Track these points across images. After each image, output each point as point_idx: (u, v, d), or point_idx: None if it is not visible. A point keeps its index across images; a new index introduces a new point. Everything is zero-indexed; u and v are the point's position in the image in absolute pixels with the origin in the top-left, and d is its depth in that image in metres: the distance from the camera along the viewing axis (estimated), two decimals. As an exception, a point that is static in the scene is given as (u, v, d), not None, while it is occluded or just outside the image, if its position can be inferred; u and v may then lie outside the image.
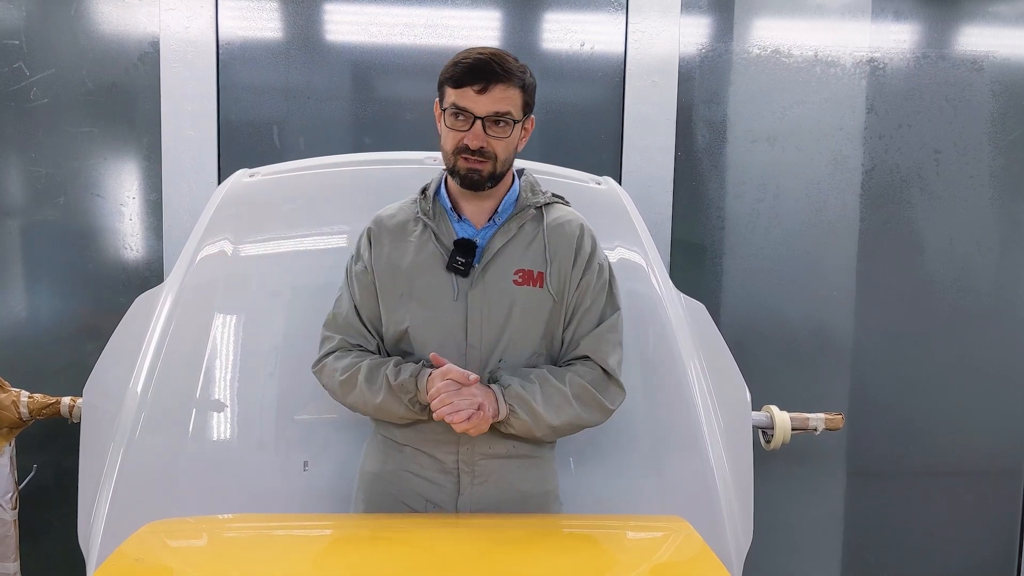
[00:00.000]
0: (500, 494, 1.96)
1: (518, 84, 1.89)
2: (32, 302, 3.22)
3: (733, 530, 2.21)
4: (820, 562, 3.57)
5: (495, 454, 1.95)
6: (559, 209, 2.05)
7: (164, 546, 1.71)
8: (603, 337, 1.97)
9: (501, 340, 1.93)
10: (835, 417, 2.80)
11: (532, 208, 2.00)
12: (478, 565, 1.64)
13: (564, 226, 2.00)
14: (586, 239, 2.01)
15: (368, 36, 3.25)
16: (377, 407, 1.92)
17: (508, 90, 1.87)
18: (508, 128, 1.89)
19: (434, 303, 1.93)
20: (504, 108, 1.87)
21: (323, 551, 1.70)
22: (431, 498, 1.97)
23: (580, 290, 1.97)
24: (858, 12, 3.39)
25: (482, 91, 1.86)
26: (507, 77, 1.87)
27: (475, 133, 1.88)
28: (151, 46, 3.16)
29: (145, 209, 3.22)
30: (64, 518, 2.57)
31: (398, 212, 2.04)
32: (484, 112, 1.87)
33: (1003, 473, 3.58)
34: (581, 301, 1.98)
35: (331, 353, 2.00)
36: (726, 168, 3.38)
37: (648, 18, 3.27)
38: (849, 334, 3.47)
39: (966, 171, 3.46)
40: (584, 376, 1.94)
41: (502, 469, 1.96)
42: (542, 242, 1.97)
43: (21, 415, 2.59)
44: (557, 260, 1.97)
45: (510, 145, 1.92)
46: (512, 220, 1.98)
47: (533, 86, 1.94)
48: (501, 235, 1.96)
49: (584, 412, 1.94)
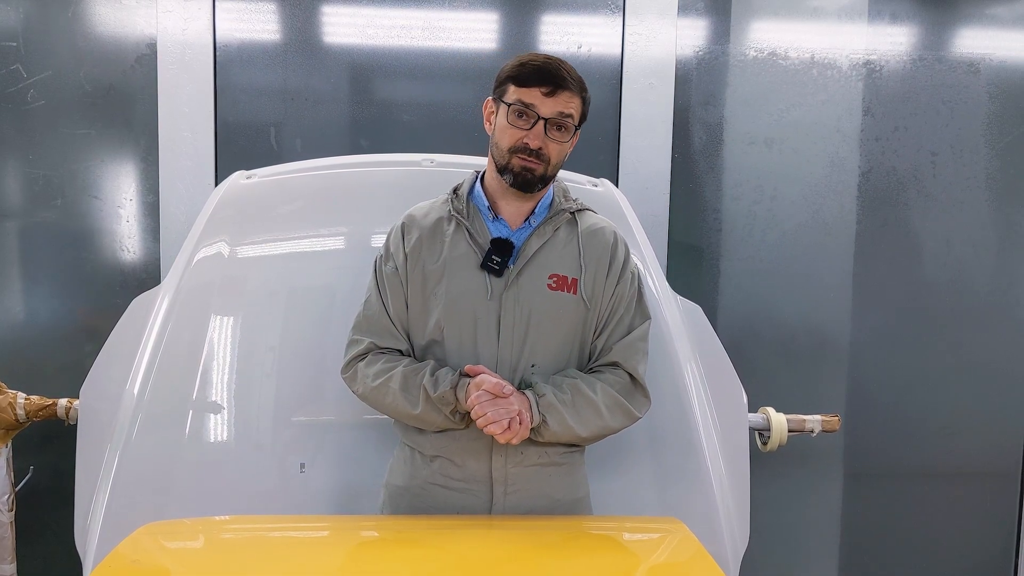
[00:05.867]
0: (533, 502, 1.95)
1: (580, 94, 1.92)
2: (29, 304, 3.22)
3: (730, 532, 2.22)
4: (817, 564, 3.57)
5: (528, 463, 1.94)
6: (591, 216, 2.06)
7: (161, 547, 1.71)
8: (633, 346, 1.98)
9: (533, 344, 1.92)
10: (831, 419, 2.81)
11: (567, 213, 2.00)
12: (474, 565, 1.65)
13: (598, 233, 2.01)
14: (620, 248, 2.02)
15: (365, 38, 3.25)
16: (415, 417, 1.90)
17: (574, 97, 1.90)
18: (568, 133, 1.91)
19: (467, 302, 1.91)
20: (569, 111, 1.90)
21: (320, 553, 1.70)
22: (464, 509, 1.94)
23: (615, 299, 1.98)
24: (855, 14, 3.40)
25: (550, 94, 1.88)
26: (574, 85, 1.90)
27: (536, 133, 1.88)
28: (148, 48, 3.16)
29: (142, 211, 3.22)
30: (61, 520, 2.57)
31: (430, 210, 2.02)
32: (549, 113, 1.88)
33: (1000, 474, 3.59)
34: (615, 310, 1.98)
35: (362, 357, 1.97)
36: (723, 170, 3.39)
37: (645, 20, 3.28)
38: (846, 336, 3.47)
39: (963, 173, 3.46)
40: (614, 385, 1.94)
41: (535, 477, 1.95)
42: (576, 248, 1.97)
43: (18, 416, 2.58)
44: (592, 267, 1.97)
45: (564, 151, 1.94)
46: (547, 223, 1.98)
47: (589, 101, 1.97)
48: (537, 237, 1.95)
49: (613, 421, 1.94)
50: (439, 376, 1.88)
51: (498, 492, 1.94)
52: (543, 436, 1.89)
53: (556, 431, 1.88)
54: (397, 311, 1.97)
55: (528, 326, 1.91)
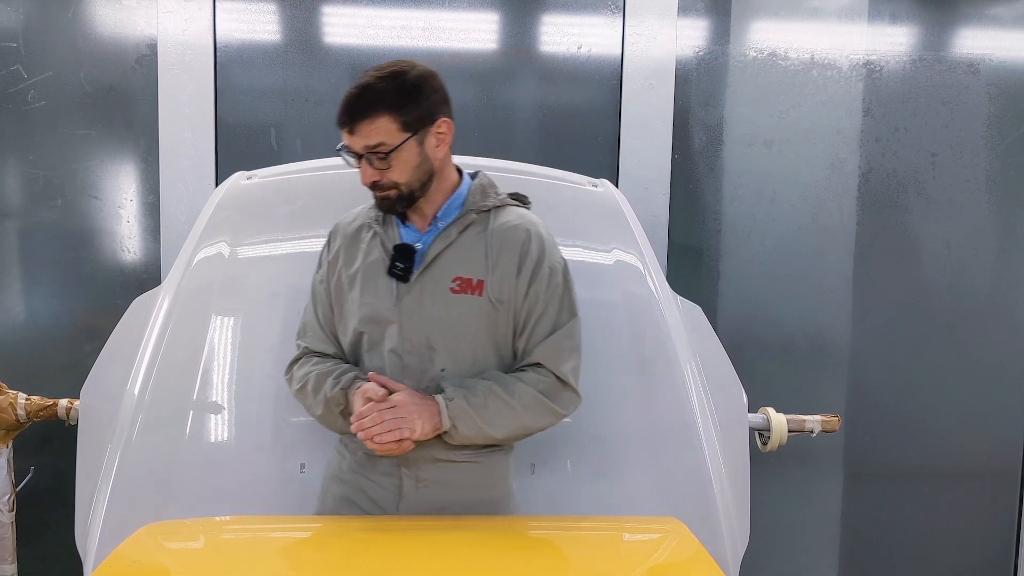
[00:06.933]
0: (443, 498, 1.92)
1: (385, 110, 1.82)
2: (29, 304, 3.23)
3: (729, 532, 2.22)
4: (817, 564, 3.57)
5: (437, 458, 1.91)
6: (510, 212, 1.99)
7: (161, 548, 1.71)
8: (558, 344, 1.91)
9: (438, 349, 1.89)
10: (831, 419, 2.81)
11: (475, 213, 1.94)
12: (473, 566, 1.65)
13: (510, 231, 1.94)
14: (533, 243, 1.93)
15: (365, 39, 3.25)
16: (319, 418, 1.95)
17: (375, 122, 1.82)
18: (386, 160, 1.84)
19: (376, 309, 1.92)
20: (373, 141, 1.82)
21: (320, 554, 1.70)
22: (376, 498, 1.95)
23: (530, 298, 1.91)
24: (854, 15, 3.40)
25: (351, 131, 1.84)
26: (367, 111, 1.82)
27: (362, 171, 1.87)
28: (149, 48, 3.16)
29: (142, 211, 3.22)
30: (61, 520, 2.57)
31: (356, 218, 2.04)
32: (360, 150, 1.84)
33: (999, 474, 3.59)
34: (532, 308, 1.92)
35: (297, 361, 2.02)
36: (723, 171, 3.39)
37: (645, 21, 3.28)
38: (845, 336, 3.47)
39: (962, 174, 3.46)
40: (536, 385, 1.89)
41: (447, 473, 1.92)
42: (485, 247, 1.92)
43: (18, 417, 2.59)
44: (500, 267, 1.90)
45: (405, 167, 1.86)
46: (453, 225, 1.93)
47: (412, 97, 1.85)
48: (440, 241, 1.92)
49: (533, 421, 1.90)
50: (343, 378, 1.91)
51: (407, 485, 1.92)
52: (454, 440, 1.87)
53: (467, 434, 1.85)
54: (325, 317, 2.01)
55: (430, 331, 1.89)
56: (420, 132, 1.86)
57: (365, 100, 1.82)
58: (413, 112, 1.85)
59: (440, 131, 1.90)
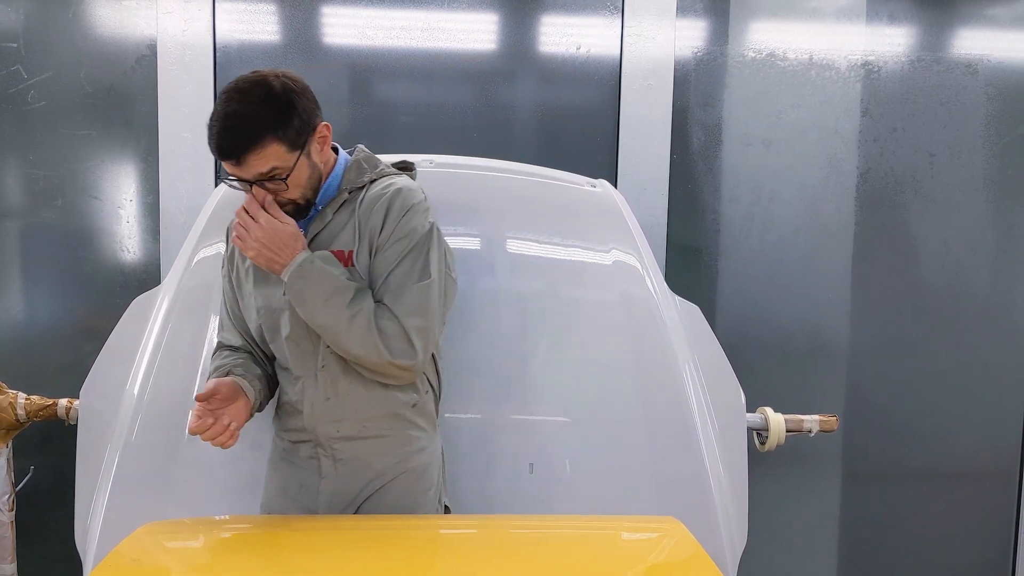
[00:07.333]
0: (361, 474, 1.95)
1: (271, 137, 1.79)
2: (29, 304, 3.23)
3: (728, 532, 2.22)
4: (815, 564, 3.58)
5: (345, 435, 1.94)
6: (383, 182, 1.96)
7: (161, 547, 1.72)
8: (405, 296, 1.86)
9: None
10: (829, 419, 2.81)
11: (348, 191, 1.94)
12: (474, 565, 1.65)
13: (378, 197, 1.91)
14: (396, 203, 1.89)
15: (365, 39, 3.26)
16: None
17: (264, 150, 1.79)
18: (281, 181, 1.83)
19: (268, 299, 1.95)
20: (267, 168, 1.81)
21: (321, 553, 1.70)
22: (302, 481, 1.99)
23: (387, 253, 1.88)
24: (853, 15, 3.41)
25: (237, 164, 1.80)
26: (252, 142, 1.78)
27: (256, 194, 1.84)
28: (148, 49, 3.17)
29: (142, 211, 3.22)
30: (61, 520, 2.57)
31: None
32: (252, 178, 1.82)
33: (998, 475, 3.59)
34: (385, 262, 1.88)
35: (214, 355, 2.05)
36: (721, 171, 3.40)
37: (644, 21, 3.29)
38: (844, 336, 3.48)
39: (960, 174, 3.47)
40: (380, 318, 1.84)
41: (358, 449, 1.95)
42: (355, 220, 1.91)
43: (18, 417, 2.59)
44: (368, 234, 1.89)
45: (300, 182, 1.87)
46: (328, 207, 1.93)
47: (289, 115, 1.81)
48: (316, 224, 1.93)
49: (353, 343, 1.83)
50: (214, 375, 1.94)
51: (326, 464, 1.96)
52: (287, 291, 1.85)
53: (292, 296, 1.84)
54: (232, 311, 2.06)
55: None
56: (306, 145, 1.86)
57: (246, 132, 1.78)
58: (295, 128, 1.82)
59: (321, 135, 1.89)
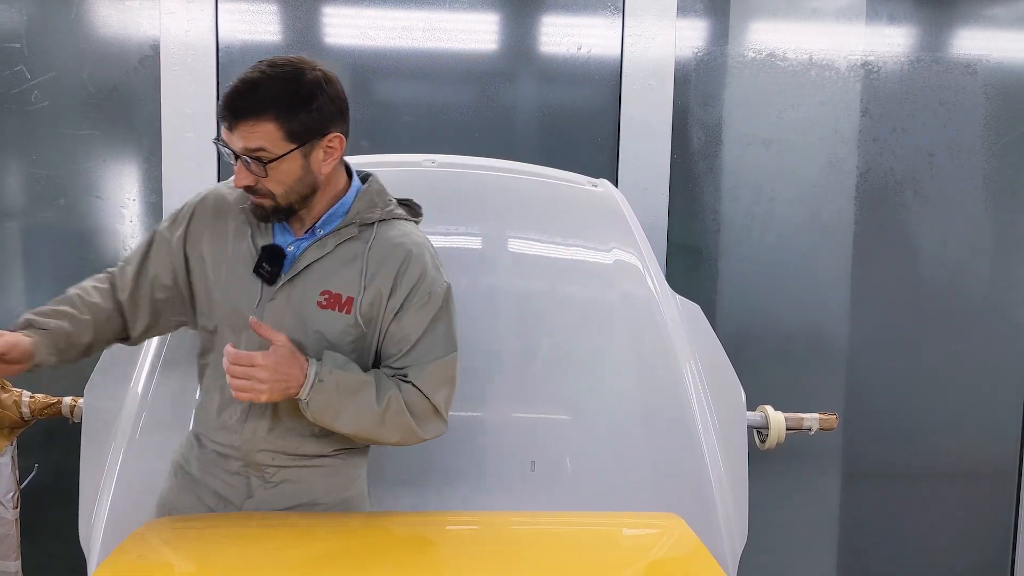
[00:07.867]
0: (289, 497, 1.86)
1: (272, 115, 1.67)
2: (32, 303, 3.20)
3: (728, 529, 2.23)
4: (815, 561, 3.58)
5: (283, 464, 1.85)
6: (397, 227, 1.84)
7: (165, 543, 1.72)
8: (433, 374, 1.79)
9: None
10: (829, 417, 2.82)
11: (358, 226, 1.81)
12: (476, 561, 1.66)
13: (391, 249, 1.79)
14: (414, 265, 1.79)
15: (366, 39, 3.26)
16: None
17: (258, 125, 1.66)
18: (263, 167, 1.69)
19: (239, 303, 1.81)
20: (254, 144, 1.67)
21: (326, 549, 1.71)
22: (225, 495, 1.88)
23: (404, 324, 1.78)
24: (852, 15, 3.42)
25: (230, 127, 1.68)
26: (250, 112, 1.66)
27: (238, 170, 1.71)
28: (151, 49, 3.18)
29: (145, 211, 3.23)
30: (65, 517, 2.57)
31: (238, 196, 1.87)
32: (237, 149, 1.69)
33: (997, 475, 3.60)
34: (407, 336, 1.79)
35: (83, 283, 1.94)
36: (721, 171, 3.40)
37: (644, 21, 3.29)
38: (844, 336, 3.48)
39: (960, 174, 3.47)
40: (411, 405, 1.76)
41: (296, 475, 1.86)
42: (361, 264, 1.78)
43: (22, 415, 2.59)
44: (375, 285, 1.78)
45: (284, 179, 1.72)
46: (331, 236, 1.80)
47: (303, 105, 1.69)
48: (315, 250, 1.80)
49: (390, 435, 1.77)
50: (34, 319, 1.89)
51: (255, 483, 1.86)
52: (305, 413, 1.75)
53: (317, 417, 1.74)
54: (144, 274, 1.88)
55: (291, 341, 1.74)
56: (307, 144, 1.72)
57: (251, 99, 1.67)
58: (303, 121, 1.70)
59: (330, 145, 1.76)
